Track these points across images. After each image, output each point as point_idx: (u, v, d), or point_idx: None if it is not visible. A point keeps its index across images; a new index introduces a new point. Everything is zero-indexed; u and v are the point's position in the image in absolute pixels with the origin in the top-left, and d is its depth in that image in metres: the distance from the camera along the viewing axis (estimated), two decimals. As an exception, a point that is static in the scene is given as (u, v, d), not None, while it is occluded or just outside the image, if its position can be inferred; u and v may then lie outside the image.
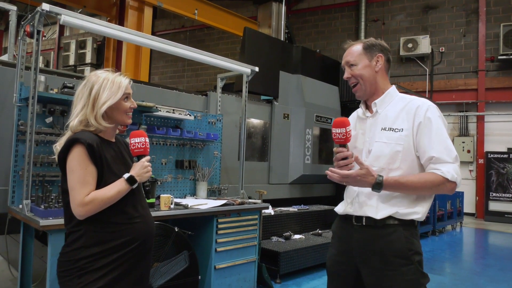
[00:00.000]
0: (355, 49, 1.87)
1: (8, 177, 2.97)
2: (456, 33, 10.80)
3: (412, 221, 1.73)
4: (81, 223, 1.63)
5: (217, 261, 3.42)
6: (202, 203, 3.50)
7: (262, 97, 5.66)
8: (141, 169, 1.73)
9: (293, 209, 5.37)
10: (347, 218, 1.84)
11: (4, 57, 3.89)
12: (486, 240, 7.91)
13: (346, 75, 1.90)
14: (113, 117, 1.76)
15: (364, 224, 1.76)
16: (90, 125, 1.70)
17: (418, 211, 1.72)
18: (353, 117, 2.02)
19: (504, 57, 9.95)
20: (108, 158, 1.70)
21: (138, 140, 1.77)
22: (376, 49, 1.85)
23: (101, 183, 1.65)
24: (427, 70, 10.93)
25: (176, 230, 3.00)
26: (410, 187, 1.68)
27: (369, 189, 1.73)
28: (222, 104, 4.55)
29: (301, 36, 12.93)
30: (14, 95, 2.92)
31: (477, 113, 10.43)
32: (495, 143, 10.35)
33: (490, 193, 9.98)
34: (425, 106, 1.75)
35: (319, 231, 5.18)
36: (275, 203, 5.28)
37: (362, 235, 1.76)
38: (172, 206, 3.18)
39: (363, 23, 11.75)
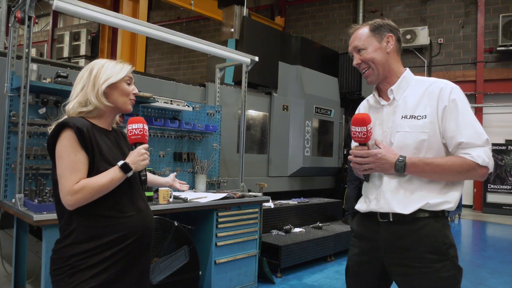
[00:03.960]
0: (362, 32, 1.72)
1: (0, 170, 2.86)
2: (455, 24, 10.71)
3: (443, 211, 1.60)
4: (72, 217, 1.51)
5: (218, 255, 3.34)
6: (201, 196, 3.41)
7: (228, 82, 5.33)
8: (137, 156, 1.60)
9: (292, 202, 5.30)
10: (370, 215, 1.70)
11: (-5, 46, 3.75)
12: (485, 232, 7.90)
13: (355, 61, 1.73)
14: (113, 98, 1.64)
15: (391, 220, 1.62)
16: (88, 104, 1.59)
17: (450, 200, 1.59)
18: (364, 107, 1.88)
19: (503, 48, 9.87)
20: (102, 145, 1.57)
21: (136, 126, 1.64)
22: (384, 29, 1.71)
23: (92, 171, 1.52)
24: (426, 61, 10.85)
25: (176, 224, 2.91)
26: (436, 168, 1.55)
27: (394, 183, 1.62)
28: (221, 95, 4.44)
29: (298, 27, 12.80)
30: (5, 84, 2.80)
31: (476, 105, 10.37)
32: (493, 135, 10.30)
33: (488, 185, 9.96)
34: (449, 88, 1.60)
35: (320, 224, 5.11)
36: (274, 196, 5.20)
37: (390, 232, 1.63)
38: (171, 199, 3.09)
39: (361, 14, 11.63)
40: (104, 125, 1.67)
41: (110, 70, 1.63)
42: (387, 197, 1.63)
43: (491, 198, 9.94)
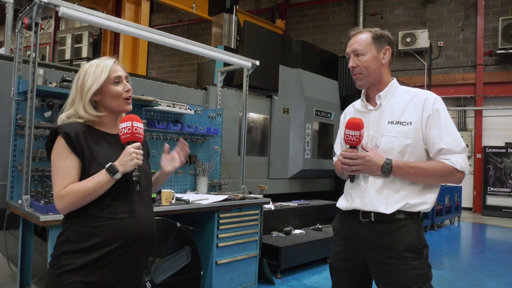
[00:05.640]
0: (364, 38, 1.80)
1: (6, 172, 2.93)
2: (455, 27, 10.78)
3: (419, 213, 1.72)
4: (68, 217, 1.53)
5: (219, 256, 3.40)
6: (203, 198, 3.48)
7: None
8: (124, 156, 1.50)
9: (293, 204, 5.35)
10: (352, 213, 1.80)
11: (1, 51, 3.82)
12: (484, 234, 7.94)
13: (351, 64, 1.82)
14: (106, 104, 1.60)
15: (372, 220, 1.72)
16: (81, 117, 1.57)
17: (427, 201, 1.71)
18: (350, 111, 1.98)
19: (502, 51, 9.95)
20: (94, 149, 1.53)
21: (125, 125, 1.53)
22: (384, 41, 1.80)
23: (83, 176, 1.50)
24: (426, 64, 10.91)
25: (178, 225, 2.97)
26: (419, 172, 1.67)
27: (379, 183, 1.72)
28: (222, 99, 4.50)
29: (299, 30, 12.88)
30: (12, 88, 2.88)
31: (475, 108, 10.44)
32: (493, 138, 10.37)
33: (488, 187, 10.01)
34: (432, 99, 1.74)
35: (319, 226, 5.16)
36: (275, 198, 5.26)
37: (371, 231, 1.73)
38: (173, 201, 3.15)
39: (361, 17, 11.70)
40: (107, 128, 1.64)
41: (91, 76, 1.57)
42: (372, 196, 1.73)
43: (491, 200, 9.98)
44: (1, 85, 3.06)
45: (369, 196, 1.73)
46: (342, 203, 1.86)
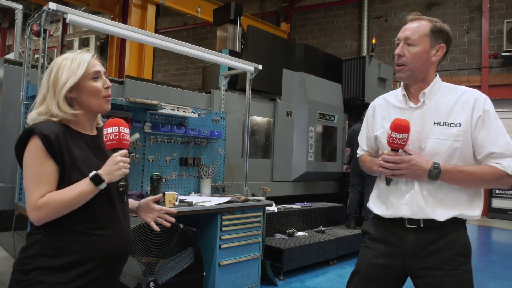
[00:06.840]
0: (421, 27, 1.65)
1: (15, 174, 3.01)
2: (459, 30, 10.77)
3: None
4: (39, 227, 1.36)
5: (222, 257, 3.45)
6: (206, 200, 3.53)
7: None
8: (111, 165, 1.38)
9: (296, 206, 5.40)
10: (395, 220, 1.69)
11: (11, 56, 3.92)
12: (489, 237, 7.92)
13: (398, 51, 1.68)
14: (83, 102, 1.45)
15: (421, 226, 1.63)
16: (54, 116, 1.42)
17: (478, 214, 1.65)
18: (381, 105, 1.83)
19: (507, 53, 9.93)
20: (75, 153, 1.39)
21: (110, 131, 1.41)
22: (442, 37, 1.65)
23: (62, 183, 1.36)
24: (430, 67, 10.91)
25: (181, 227, 3.03)
26: (468, 177, 1.57)
27: (425, 189, 1.63)
28: (226, 102, 4.57)
29: (303, 33, 12.93)
30: (21, 93, 2.96)
31: (480, 110, 10.40)
32: (498, 140, 10.32)
33: (493, 190, 9.95)
34: (483, 99, 1.62)
35: (322, 228, 5.20)
36: (278, 200, 5.30)
37: (419, 238, 1.64)
38: (177, 203, 3.21)
39: (366, 20, 11.74)
40: (84, 129, 1.50)
41: (66, 71, 1.42)
42: (421, 203, 1.63)
43: (497, 203, 9.93)
44: (10, 90, 3.14)
45: (418, 204, 1.63)
46: (382, 211, 1.74)
